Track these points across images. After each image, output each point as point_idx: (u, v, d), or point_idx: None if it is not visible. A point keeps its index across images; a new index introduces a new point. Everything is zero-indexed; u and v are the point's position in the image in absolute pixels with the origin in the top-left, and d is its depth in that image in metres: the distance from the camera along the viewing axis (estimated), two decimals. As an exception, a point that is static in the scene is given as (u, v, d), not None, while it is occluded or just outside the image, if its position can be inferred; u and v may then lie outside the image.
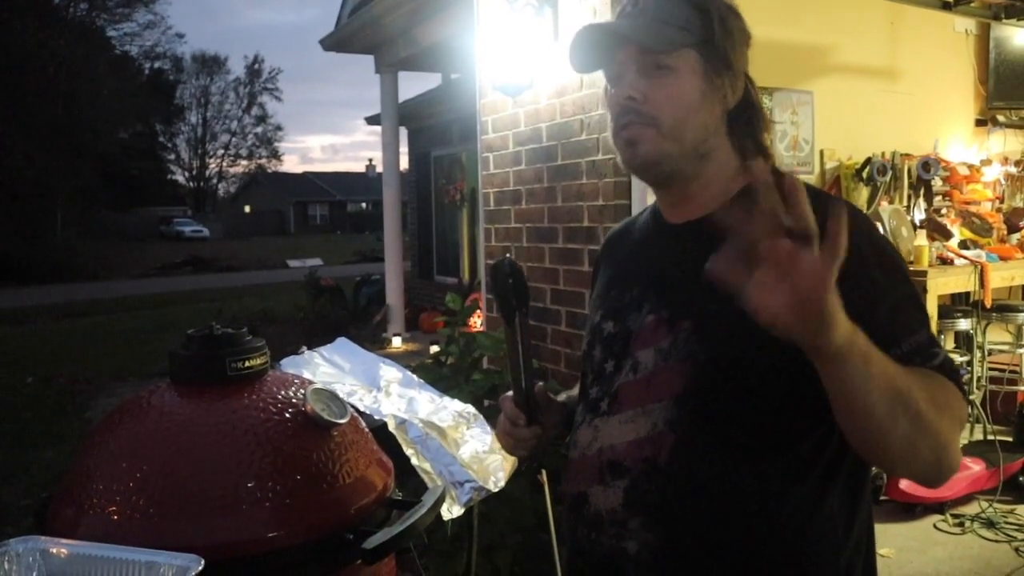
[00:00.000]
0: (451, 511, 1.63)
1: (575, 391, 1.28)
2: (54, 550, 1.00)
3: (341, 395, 1.35)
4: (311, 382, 1.34)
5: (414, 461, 1.69)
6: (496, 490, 1.73)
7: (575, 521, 1.09)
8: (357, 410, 1.54)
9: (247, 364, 1.24)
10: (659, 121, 1.00)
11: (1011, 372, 4.43)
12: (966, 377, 4.30)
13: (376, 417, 1.75)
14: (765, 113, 1.09)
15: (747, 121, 1.06)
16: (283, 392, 1.25)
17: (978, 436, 4.18)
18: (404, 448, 1.69)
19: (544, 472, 2.30)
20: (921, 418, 0.81)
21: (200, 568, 0.94)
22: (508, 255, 1.02)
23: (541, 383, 1.15)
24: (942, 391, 0.88)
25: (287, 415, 1.21)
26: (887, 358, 0.81)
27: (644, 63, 1.01)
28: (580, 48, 1.05)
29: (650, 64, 1.01)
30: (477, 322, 4.74)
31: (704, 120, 1.02)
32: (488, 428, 1.83)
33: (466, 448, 1.77)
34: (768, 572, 0.97)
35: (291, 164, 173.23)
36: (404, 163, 10.48)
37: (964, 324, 4.07)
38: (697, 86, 1.01)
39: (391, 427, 1.74)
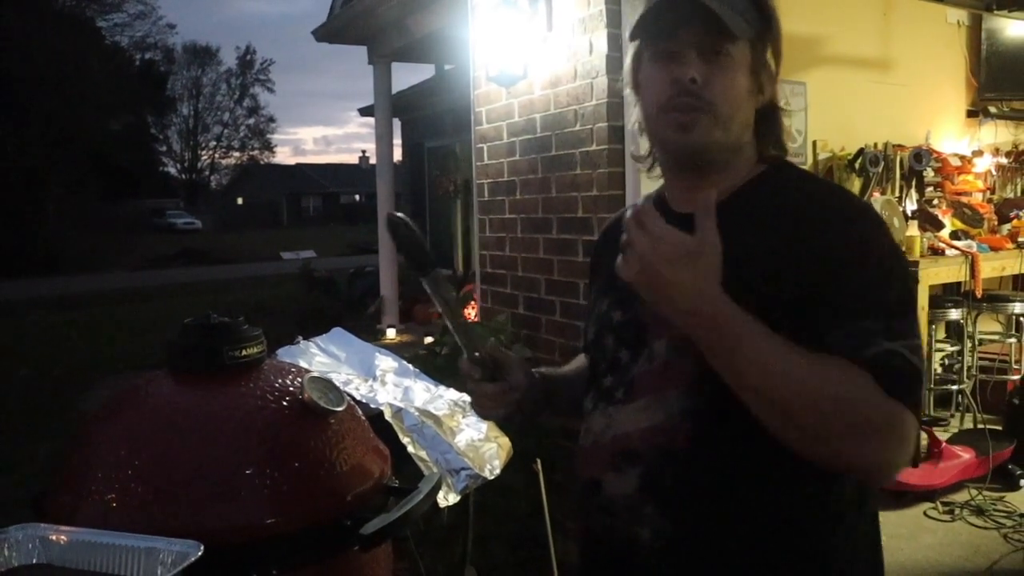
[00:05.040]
0: (447, 499, 1.65)
1: (566, 368, 1.29)
2: (53, 536, 1.01)
3: (337, 384, 1.35)
4: (308, 371, 1.35)
5: (410, 449, 1.70)
6: (491, 478, 1.74)
7: (588, 508, 1.09)
8: (353, 399, 1.55)
9: (244, 353, 1.24)
10: (716, 108, 1.00)
11: (1001, 362, 4.47)
12: (956, 367, 4.34)
13: (372, 406, 1.76)
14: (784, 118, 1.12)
15: (771, 121, 1.10)
16: (280, 380, 1.26)
17: (968, 425, 4.22)
18: (400, 436, 1.70)
19: (539, 461, 2.32)
20: (820, 407, 0.86)
21: (199, 554, 0.95)
22: (400, 213, 1.00)
23: (493, 339, 1.14)
24: (847, 383, 0.87)
25: (284, 403, 1.22)
26: (787, 347, 0.86)
27: (705, 47, 1.00)
28: (654, 13, 1.02)
29: (710, 49, 1.00)
30: (471, 313, 4.74)
31: (747, 114, 1.05)
32: (483, 417, 1.84)
33: (462, 436, 1.78)
34: (779, 559, 0.98)
35: (284, 156, 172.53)
36: (398, 155, 10.45)
37: (955, 314, 4.11)
38: (745, 78, 1.03)
39: (387, 415, 1.75)
